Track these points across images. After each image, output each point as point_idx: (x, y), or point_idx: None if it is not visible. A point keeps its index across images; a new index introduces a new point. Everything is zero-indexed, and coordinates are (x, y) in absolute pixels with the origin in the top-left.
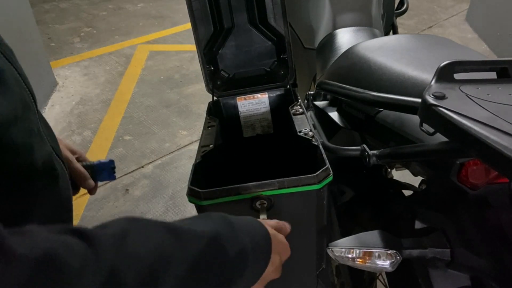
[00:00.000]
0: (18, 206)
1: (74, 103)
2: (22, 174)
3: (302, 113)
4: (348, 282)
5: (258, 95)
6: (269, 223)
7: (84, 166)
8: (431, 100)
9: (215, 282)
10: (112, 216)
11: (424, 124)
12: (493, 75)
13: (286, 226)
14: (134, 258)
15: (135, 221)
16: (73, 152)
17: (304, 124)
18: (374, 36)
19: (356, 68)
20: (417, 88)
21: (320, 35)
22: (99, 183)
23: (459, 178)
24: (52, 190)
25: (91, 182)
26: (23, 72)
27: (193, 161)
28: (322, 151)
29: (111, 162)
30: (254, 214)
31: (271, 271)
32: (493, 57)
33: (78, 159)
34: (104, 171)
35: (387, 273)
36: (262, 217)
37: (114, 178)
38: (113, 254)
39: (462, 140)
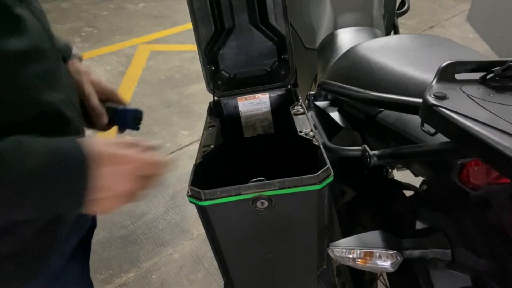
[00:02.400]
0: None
1: None
2: (28, 112)
3: (303, 113)
4: (349, 283)
5: (259, 95)
6: (113, 141)
7: (107, 107)
8: (432, 100)
9: None
10: (113, 216)
11: (425, 124)
12: None
13: (142, 142)
14: None
15: None
16: (102, 90)
17: (305, 124)
18: (375, 36)
19: (357, 68)
20: (418, 88)
21: (321, 35)
22: None
23: (460, 179)
24: (60, 135)
25: (104, 120)
26: (52, 34)
27: (193, 161)
28: (323, 151)
29: (137, 111)
30: (255, 214)
31: (111, 184)
32: (494, 57)
33: (108, 99)
34: (126, 118)
35: (388, 274)
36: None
37: (137, 129)
38: None
39: (463, 141)
